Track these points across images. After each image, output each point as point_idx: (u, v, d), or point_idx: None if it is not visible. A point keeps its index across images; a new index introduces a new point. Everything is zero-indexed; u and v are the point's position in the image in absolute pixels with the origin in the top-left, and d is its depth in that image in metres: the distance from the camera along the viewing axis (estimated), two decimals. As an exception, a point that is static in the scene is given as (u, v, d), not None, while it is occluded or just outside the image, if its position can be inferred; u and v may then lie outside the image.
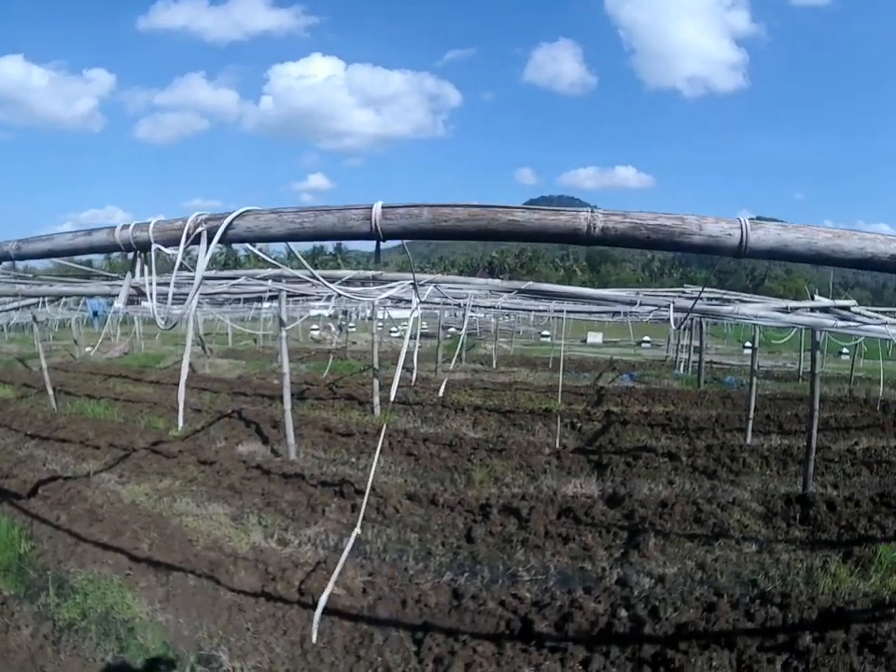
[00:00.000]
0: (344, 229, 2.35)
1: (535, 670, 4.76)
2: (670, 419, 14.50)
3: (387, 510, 7.91)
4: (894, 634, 5.22)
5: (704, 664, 4.78)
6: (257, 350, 30.95)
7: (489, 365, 25.10)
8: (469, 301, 8.69)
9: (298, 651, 4.97)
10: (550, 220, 2.26)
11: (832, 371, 26.38)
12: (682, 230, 2.25)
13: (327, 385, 17.89)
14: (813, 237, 2.29)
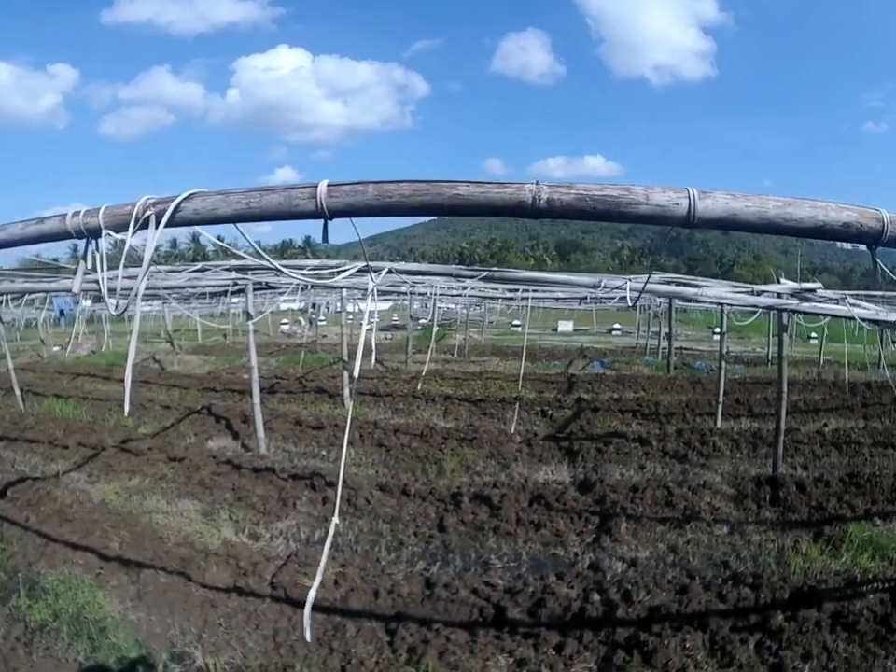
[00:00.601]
0: (290, 208, 2.33)
1: (508, 656, 4.73)
2: (641, 405, 14.59)
3: (358, 501, 7.86)
4: (866, 611, 5.27)
5: (677, 645, 4.78)
6: (227, 345, 30.71)
7: (460, 355, 25.14)
8: (435, 291, 8.65)
9: (271, 645, 4.91)
10: (494, 193, 2.24)
11: (800, 355, 26.72)
12: (629, 200, 2.24)
13: (297, 379, 17.78)
14: (763, 206, 2.28)
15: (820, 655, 4.74)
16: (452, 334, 35.48)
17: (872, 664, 4.64)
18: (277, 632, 5.05)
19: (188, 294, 17.69)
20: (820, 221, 2.31)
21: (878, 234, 2.38)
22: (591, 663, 4.68)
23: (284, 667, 4.61)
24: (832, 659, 4.71)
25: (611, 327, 43.18)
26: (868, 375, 19.84)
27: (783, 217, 2.29)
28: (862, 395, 17.00)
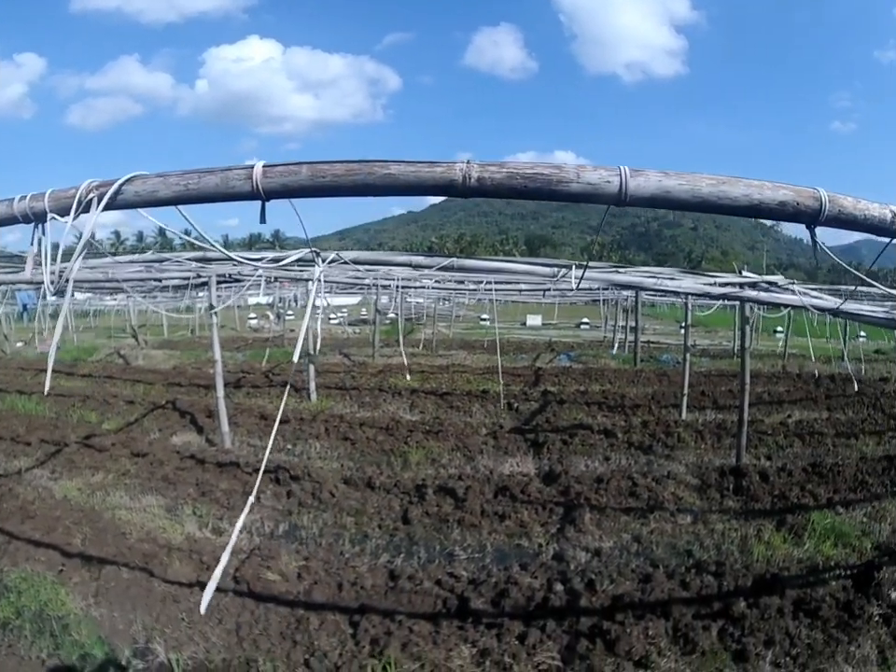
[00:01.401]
0: (227, 189, 2.32)
1: (471, 647, 4.73)
2: (607, 397, 14.72)
3: (323, 494, 7.83)
4: (829, 598, 5.35)
5: (640, 633, 4.81)
6: (193, 340, 30.44)
7: (428, 349, 25.12)
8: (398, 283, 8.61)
9: (234, 640, 4.88)
10: (425, 172, 2.25)
11: (766, 348, 27.16)
12: (560, 178, 2.24)
13: (263, 373, 17.68)
14: (696, 184, 2.29)
15: (783, 641, 4.80)
16: (420, 328, 35.47)
17: (835, 649, 4.71)
18: (240, 626, 5.02)
19: (151, 287, 17.47)
20: (755, 200, 2.33)
21: (816, 213, 2.40)
22: (554, 652, 4.69)
23: (247, 661, 4.57)
24: (794, 645, 4.77)
25: (580, 321, 43.43)
26: (832, 368, 20.13)
27: (716, 196, 2.30)
28: (826, 387, 17.32)
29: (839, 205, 2.43)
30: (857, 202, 2.48)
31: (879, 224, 2.52)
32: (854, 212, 2.47)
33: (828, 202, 2.40)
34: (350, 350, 24.19)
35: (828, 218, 2.42)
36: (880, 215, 2.51)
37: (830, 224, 2.46)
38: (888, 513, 7.56)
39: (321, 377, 15.81)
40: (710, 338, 33.81)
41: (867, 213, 2.49)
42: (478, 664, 4.56)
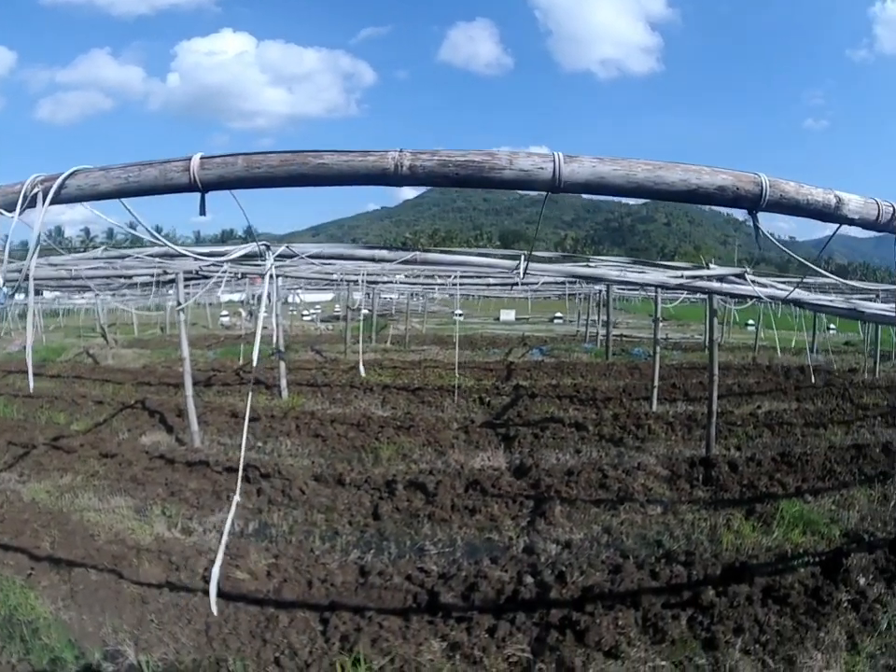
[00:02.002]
0: (166, 181, 2.32)
1: (441, 640, 4.73)
2: (578, 391, 14.81)
3: (293, 492, 7.79)
4: (798, 585, 5.41)
5: (609, 623, 4.83)
6: (163, 338, 30.09)
7: (400, 344, 25.10)
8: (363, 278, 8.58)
9: (203, 640, 4.83)
10: (358, 162, 2.26)
11: (737, 341, 27.50)
12: (492, 164, 2.25)
13: (234, 371, 17.57)
14: (632, 169, 2.29)
15: (752, 628, 4.84)
16: (394, 324, 35.46)
17: (804, 635, 4.75)
18: (210, 626, 4.96)
19: (119, 285, 17.24)
20: (693, 185, 2.33)
21: (757, 198, 2.41)
22: (524, 644, 4.69)
23: (217, 661, 4.53)
24: (763, 632, 4.82)
25: (553, 315, 43.59)
26: (802, 359, 20.39)
27: (653, 181, 2.31)
28: (796, 378, 17.56)
29: (781, 190, 2.44)
30: (800, 186, 2.49)
31: (823, 209, 2.54)
32: (797, 197, 2.48)
33: (769, 186, 2.41)
34: (322, 347, 24.09)
35: (769, 204, 2.42)
36: (824, 200, 2.53)
37: (772, 209, 2.46)
38: (855, 501, 7.68)
39: (293, 374, 15.73)
40: (683, 331, 34.15)
41: (810, 198, 2.50)
42: (448, 657, 4.55)
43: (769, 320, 25.76)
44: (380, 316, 37.10)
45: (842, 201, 2.58)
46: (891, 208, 2.72)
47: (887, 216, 2.72)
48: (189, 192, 2.29)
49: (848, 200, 2.60)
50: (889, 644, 4.75)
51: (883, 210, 2.70)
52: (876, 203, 2.71)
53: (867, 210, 2.67)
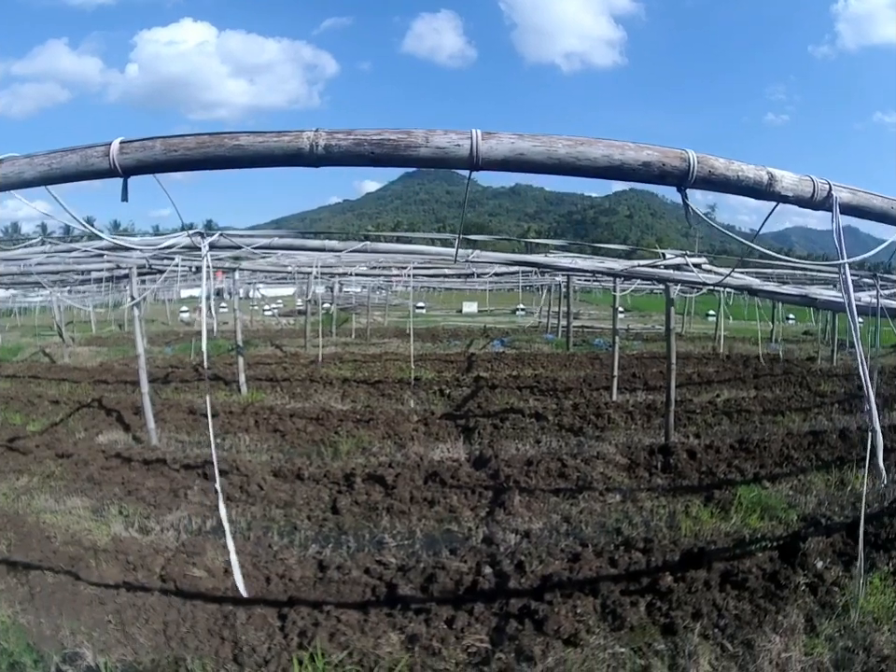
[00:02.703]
0: (87, 166, 2.30)
1: (400, 633, 4.71)
2: (539, 381, 14.86)
3: (251, 488, 7.71)
4: (756, 569, 5.48)
5: (568, 612, 4.84)
6: (122, 336, 29.62)
7: (362, 338, 25.04)
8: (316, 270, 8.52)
9: (162, 640, 4.76)
10: (273, 142, 2.25)
11: (698, 331, 27.81)
12: (408, 142, 2.24)
13: (193, 367, 17.32)
14: (552, 145, 2.29)
15: (711, 613, 4.89)
16: (356, 317, 35.34)
17: (762, 619, 4.81)
18: (167, 625, 4.89)
19: (74, 281, 16.94)
20: (617, 160, 2.33)
21: (684, 175, 2.42)
22: (482, 634, 4.69)
23: (175, 660, 4.47)
24: (722, 616, 4.86)
25: (516, 307, 43.76)
26: (762, 348, 20.71)
27: (574, 157, 2.30)
28: (755, 367, 17.76)
29: (710, 166, 2.44)
30: (730, 163, 2.49)
31: (755, 186, 2.55)
32: (727, 173, 2.49)
33: (697, 162, 2.41)
34: (283, 341, 23.93)
35: (698, 180, 2.43)
36: (755, 176, 2.53)
37: (700, 186, 2.45)
38: (813, 486, 7.84)
39: (252, 369, 15.59)
40: (644, 322, 34.48)
41: (741, 174, 2.50)
42: (407, 649, 4.53)
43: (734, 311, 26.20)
44: (342, 310, 36.97)
45: (774, 177, 2.58)
46: (827, 185, 2.74)
47: (822, 193, 2.73)
48: (110, 177, 2.27)
49: (781, 177, 2.61)
50: (847, 626, 4.81)
51: (818, 187, 2.72)
52: (812, 180, 2.72)
53: (802, 187, 2.69)
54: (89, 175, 2.29)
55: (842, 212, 2.85)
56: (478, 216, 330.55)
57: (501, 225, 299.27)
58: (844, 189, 2.80)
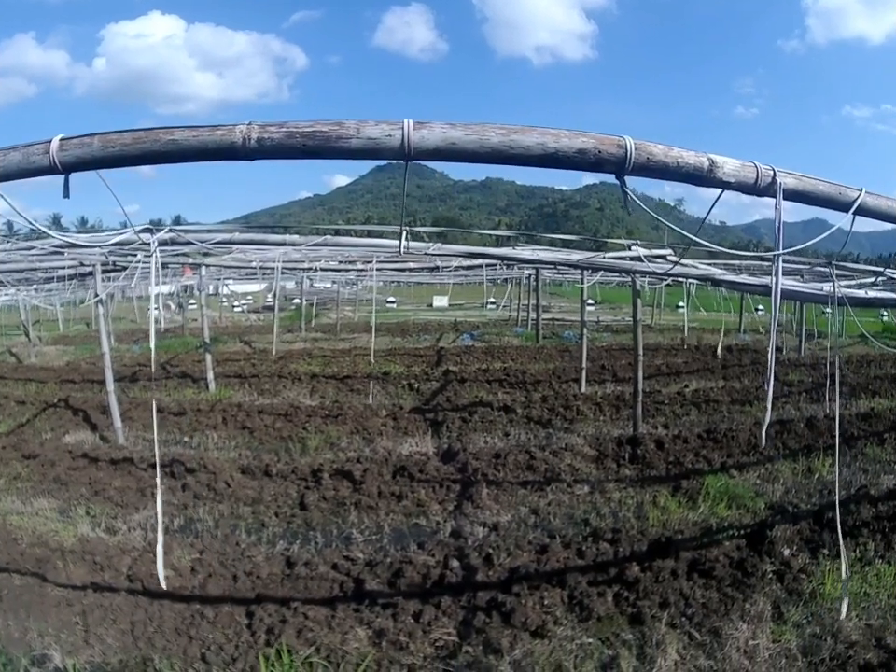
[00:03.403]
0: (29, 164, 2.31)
1: (367, 628, 4.70)
2: (508, 374, 14.94)
3: (219, 485, 7.65)
4: (723, 558, 5.54)
5: (535, 604, 4.86)
6: (89, 334, 29.24)
7: (331, 333, 24.98)
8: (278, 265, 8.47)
9: (129, 639, 4.72)
10: (207, 136, 2.25)
11: (668, 322, 28.03)
12: (339, 134, 2.24)
13: (161, 365, 17.16)
14: (485, 134, 2.29)
15: (678, 602, 4.93)
16: (326, 313, 35.22)
17: (730, 607, 4.87)
18: (135, 625, 4.85)
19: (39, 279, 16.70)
20: (551, 148, 2.32)
21: (622, 162, 2.41)
22: (450, 628, 4.69)
23: (143, 660, 4.44)
24: (689, 605, 4.91)
25: (487, 301, 43.84)
26: (730, 339, 20.93)
27: (507, 145, 2.29)
28: (723, 358, 17.96)
29: (648, 153, 2.44)
30: (669, 149, 2.49)
31: (695, 172, 2.55)
32: (665, 160, 2.48)
33: (634, 149, 2.40)
34: (252, 337, 23.83)
35: (636, 167, 2.42)
36: (696, 163, 2.53)
37: (639, 173, 2.45)
38: (780, 474, 7.94)
39: (221, 366, 15.51)
40: (614, 314, 34.66)
41: (681, 160, 2.50)
42: (374, 644, 4.53)
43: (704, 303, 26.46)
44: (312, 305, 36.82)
45: (715, 163, 2.58)
46: (772, 171, 2.74)
47: (766, 179, 2.73)
48: (51, 174, 2.27)
49: (723, 163, 2.61)
50: (814, 613, 4.89)
51: (762, 173, 2.72)
52: (755, 166, 2.72)
53: (744, 173, 2.69)
54: (31, 172, 2.29)
55: (788, 198, 2.85)
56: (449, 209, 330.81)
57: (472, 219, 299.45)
58: (789, 175, 2.80)
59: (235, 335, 24.89)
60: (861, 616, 4.85)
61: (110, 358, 10.08)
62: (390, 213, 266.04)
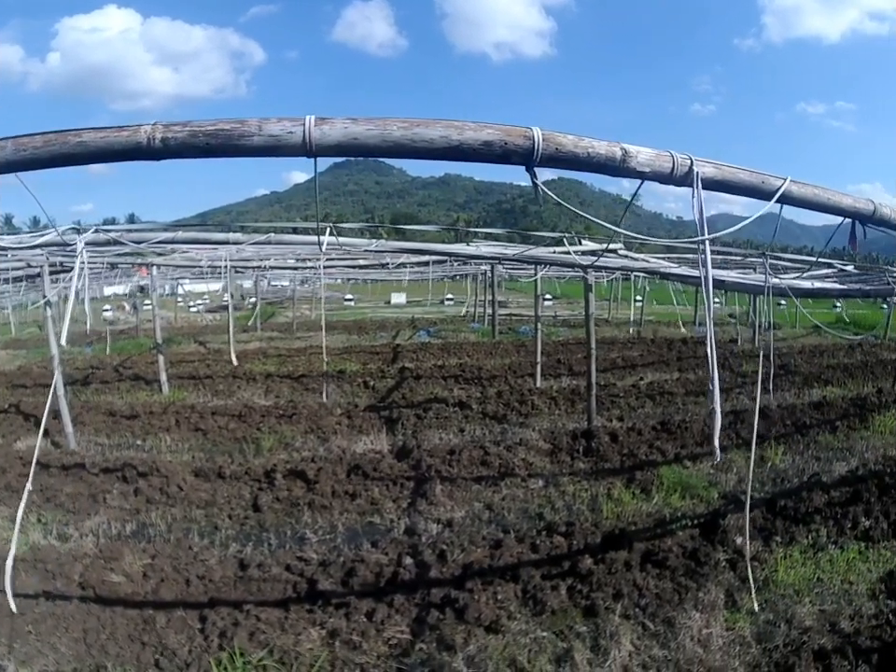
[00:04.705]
0: None
1: (320, 628, 4.70)
2: (464, 370, 14.97)
3: (171, 489, 7.55)
4: (676, 548, 5.63)
5: (489, 599, 4.90)
6: (42, 337, 28.62)
7: (288, 332, 24.84)
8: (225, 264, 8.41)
9: (82, 647, 4.66)
10: (114, 137, 2.27)
11: (625, 317, 28.29)
12: (242, 132, 2.26)
13: (114, 368, 16.88)
14: (387, 128, 2.31)
15: (632, 593, 5.00)
16: (282, 311, 34.98)
17: (683, 596, 4.95)
18: (87, 633, 4.80)
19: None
20: (455, 141, 2.34)
21: (529, 153, 2.42)
22: (403, 626, 4.72)
23: (97, 668, 4.41)
24: (643, 596, 4.98)
25: (444, 297, 43.91)
26: (687, 332, 21.20)
27: (410, 139, 2.31)
28: (678, 350, 18.24)
29: (556, 143, 2.45)
30: (579, 139, 2.51)
31: (607, 162, 2.57)
32: (575, 150, 2.50)
33: (542, 140, 2.41)
34: (207, 338, 23.54)
35: (544, 158, 2.44)
36: (608, 153, 2.56)
37: (549, 164, 2.46)
38: (733, 464, 8.04)
39: (175, 367, 15.31)
40: (572, 308, 34.92)
41: (591, 151, 2.52)
42: (327, 645, 4.53)
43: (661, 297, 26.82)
44: (269, 304, 36.54)
45: (628, 153, 2.61)
46: (689, 160, 2.78)
47: (683, 168, 2.77)
48: None
49: (637, 152, 2.63)
50: (768, 600, 4.99)
51: (679, 162, 2.76)
52: (671, 155, 2.75)
53: (660, 163, 2.72)
54: (-54, 175, 2.28)
55: (708, 188, 2.89)
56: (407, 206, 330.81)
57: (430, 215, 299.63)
58: (707, 165, 2.84)
59: (191, 335, 24.60)
60: (814, 602, 4.96)
61: (58, 361, 9.88)
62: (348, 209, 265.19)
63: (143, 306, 32.34)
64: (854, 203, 3.44)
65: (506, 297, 41.67)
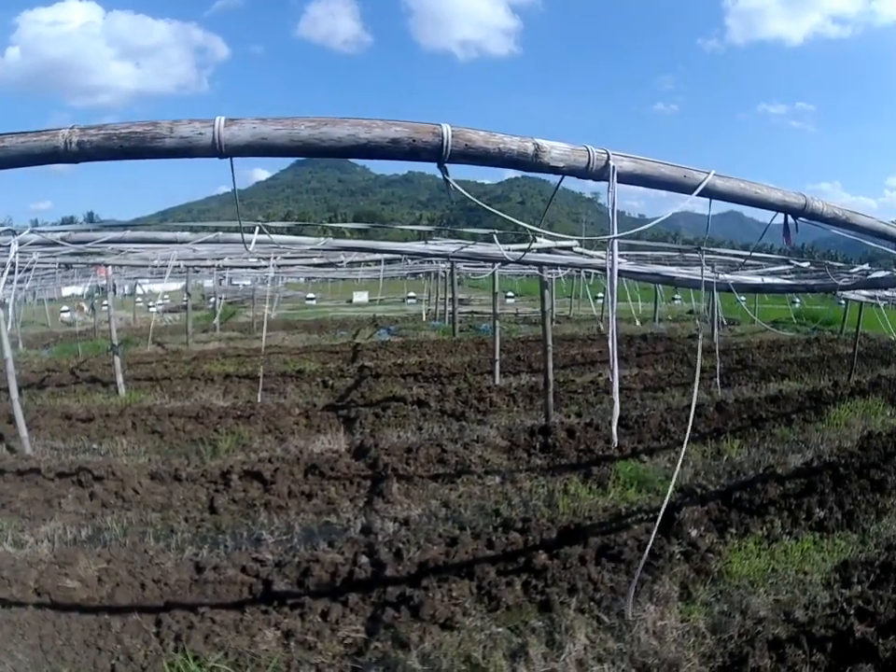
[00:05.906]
0: None
1: (275, 629, 4.71)
2: (423, 368, 15.05)
3: (127, 492, 7.47)
4: (631, 541, 5.71)
5: (444, 596, 4.94)
6: (-2, 340, 28.15)
7: (247, 332, 24.69)
8: (171, 262, 8.35)
9: (39, 654, 4.62)
10: (33, 142, 2.29)
11: (586, 314, 28.49)
12: (154, 134, 2.28)
13: (70, 370, 16.60)
14: (295, 128, 2.33)
15: (586, 587, 5.08)
16: (243, 311, 34.68)
17: (639, 589, 5.00)
18: (43, 639, 4.76)
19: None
20: (363, 139, 2.36)
21: (438, 150, 2.45)
22: (358, 625, 4.75)
23: (54, 674, 4.32)
24: (598, 590, 5.06)
25: (406, 295, 43.89)
26: (646, 328, 21.45)
27: (318, 138, 2.33)
28: (638, 346, 18.47)
29: (466, 139, 2.47)
30: (490, 135, 2.53)
31: (520, 158, 2.59)
32: (486, 146, 2.52)
33: (451, 136, 2.44)
34: (165, 338, 23.20)
35: (454, 154, 2.46)
36: (520, 148, 2.58)
37: (460, 160, 2.50)
38: (690, 458, 8.18)
39: (132, 369, 15.13)
40: (534, 306, 35.04)
41: (503, 146, 2.54)
42: (283, 645, 4.55)
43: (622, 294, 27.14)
44: (231, 304, 36.21)
45: (541, 148, 2.63)
46: (605, 154, 2.81)
47: (600, 163, 2.80)
48: None
49: (550, 147, 2.66)
50: (722, 591, 5.10)
51: (595, 157, 2.78)
52: (587, 150, 2.78)
53: (575, 157, 2.74)
54: None
55: (626, 182, 2.93)
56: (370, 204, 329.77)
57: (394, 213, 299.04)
58: (625, 159, 2.87)
59: (149, 336, 24.33)
60: (769, 592, 5.07)
61: (12, 364, 9.74)
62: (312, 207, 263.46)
63: (101, 307, 31.87)
64: (783, 196, 3.48)
65: (467, 295, 41.77)
